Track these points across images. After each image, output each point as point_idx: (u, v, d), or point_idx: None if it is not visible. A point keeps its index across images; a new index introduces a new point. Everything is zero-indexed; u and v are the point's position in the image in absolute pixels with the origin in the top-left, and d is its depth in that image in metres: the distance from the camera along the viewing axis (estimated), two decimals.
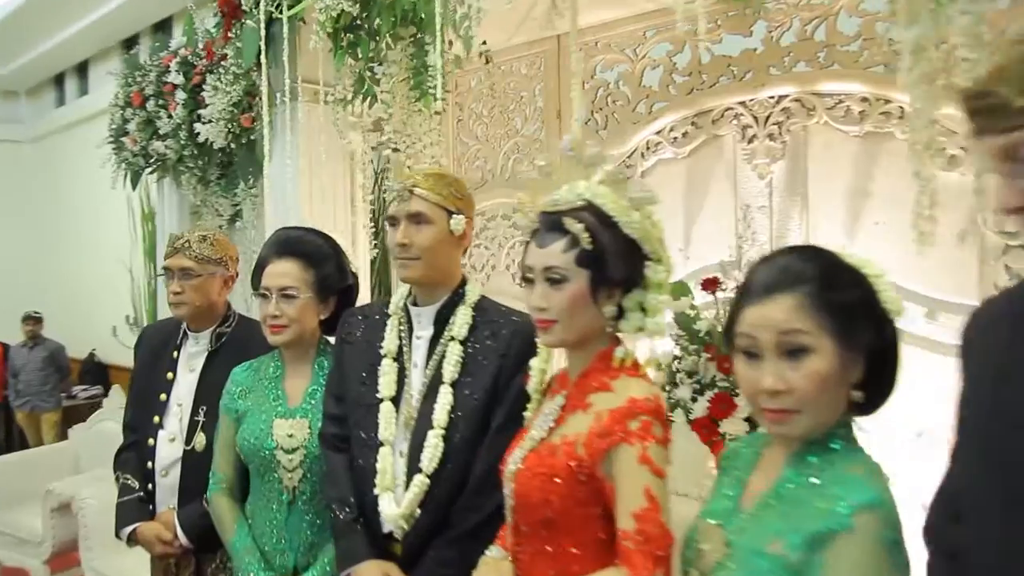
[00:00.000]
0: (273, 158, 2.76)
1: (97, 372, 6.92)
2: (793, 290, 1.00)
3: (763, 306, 1.01)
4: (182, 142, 3.42)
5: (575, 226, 1.25)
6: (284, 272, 1.74)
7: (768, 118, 2.60)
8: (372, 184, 2.94)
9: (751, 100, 2.64)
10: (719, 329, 2.31)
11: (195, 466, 1.90)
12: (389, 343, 1.60)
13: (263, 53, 2.51)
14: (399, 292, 1.67)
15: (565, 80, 3.10)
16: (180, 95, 3.41)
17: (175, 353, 2.01)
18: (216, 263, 1.97)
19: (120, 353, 6.12)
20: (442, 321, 1.59)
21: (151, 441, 1.95)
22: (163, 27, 6.13)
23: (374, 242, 2.75)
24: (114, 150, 3.92)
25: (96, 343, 6.77)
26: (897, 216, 2.37)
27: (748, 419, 2.19)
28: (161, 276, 2.02)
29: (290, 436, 1.71)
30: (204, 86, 3.25)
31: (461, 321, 1.57)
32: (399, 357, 1.59)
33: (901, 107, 2.32)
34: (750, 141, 2.64)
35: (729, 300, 1.12)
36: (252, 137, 3.01)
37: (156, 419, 1.96)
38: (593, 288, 1.25)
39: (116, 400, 3.69)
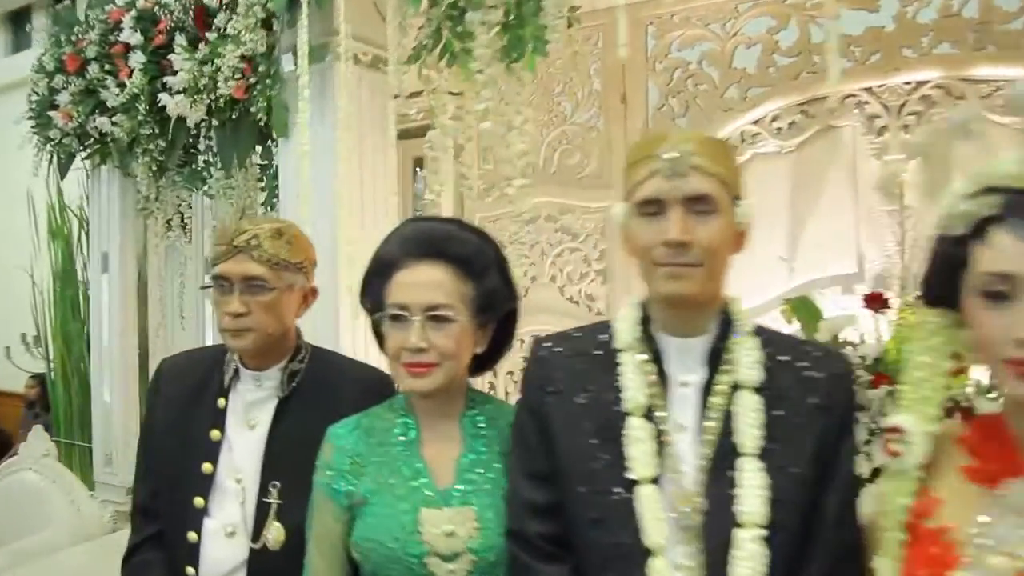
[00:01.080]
0: (294, 135, 2.12)
1: None
2: None
3: None
4: (140, 117, 2.68)
5: None
6: (434, 282, 1.16)
7: (903, 107, 2.23)
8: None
9: (880, 86, 2.26)
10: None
11: (269, 574, 1.27)
12: (634, 393, 1.05)
13: None
14: (626, 315, 1.13)
15: (632, 58, 2.63)
16: (137, 58, 2.68)
17: (221, 401, 1.36)
18: (296, 270, 1.34)
19: (9, 378, 5.11)
20: (714, 359, 1.06)
21: (191, 536, 1.29)
22: None
23: None
24: (35, 128, 3.09)
25: None
26: None
27: None
28: (207, 288, 1.36)
29: (449, 535, 1.12)
30: (175, 46, 2.54)
31: (748, 358, 1.04)
32: (650, 415, 1.05)
33: None
34: (879, 134, 2.26)
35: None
36: (252, 108, 2.33)
37: (199, 501, 1.30)
38: None
39: (38, 446, 2.86)
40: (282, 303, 1.32)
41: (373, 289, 1.23)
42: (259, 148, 2.79)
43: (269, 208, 2.76)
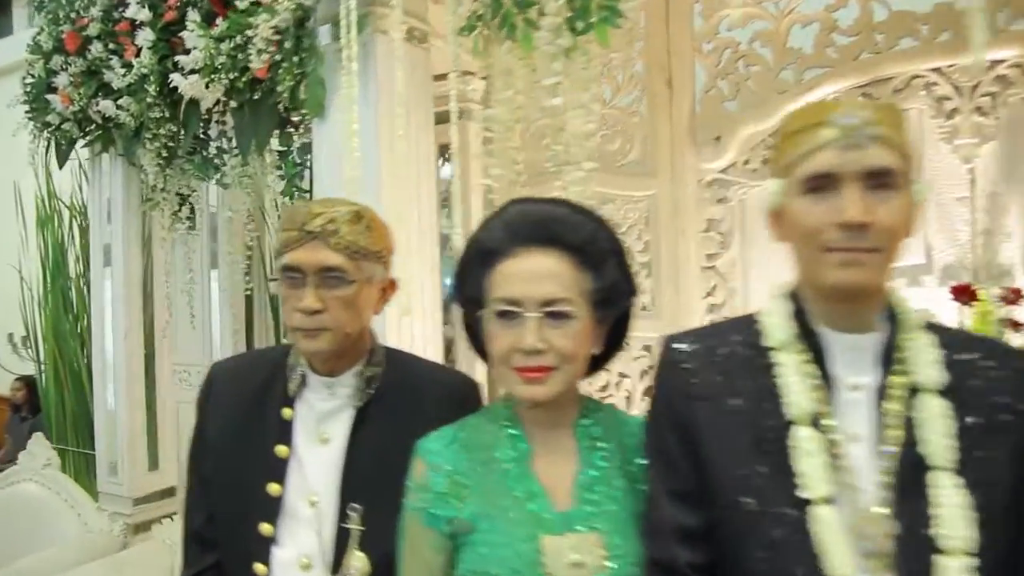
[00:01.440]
0: (331, 115, 1.94)
1: None
2: None
3: None
4: (149, 100, 2.49)
5: None
6: (550, 273, 1.01)
7: (975, 88, 2.10)
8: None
9: (950, 66, 2.13)
10: None
11: None
12: (799, 398, 0.91)
13: None
14: (776, 308, 0.98)
15: (677, 39, 2.49)
16: (145, 36, 2.48)
17: (286, 412, 1.19)
18: (376, 259, 1.17)
19: None
20: (886, 359, 0.92)
21: (259, 568, 1.12)
22: None
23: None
24: (29, 113, 2.87)
25: None
26: None
27: None
28: (273, 281, 1.18)
29: (576, 566, 0.97)
30: (187, 23, 2.36)
31: (927, 357, 0.90)
32: (816, 423, 0.90)
33: None
34: (949, 117, 2.14)
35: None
36: (278, 87, 2.14)
37: (266, 528, 1.13)
38: None
39: (39, 455, 2.66)
40: (361, 298, 1.15)
41: (470, 281, 1.07)
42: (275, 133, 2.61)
43: (290, 198, 2.58)
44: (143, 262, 2.92)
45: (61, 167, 2.88)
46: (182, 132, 2.53)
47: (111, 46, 2.61)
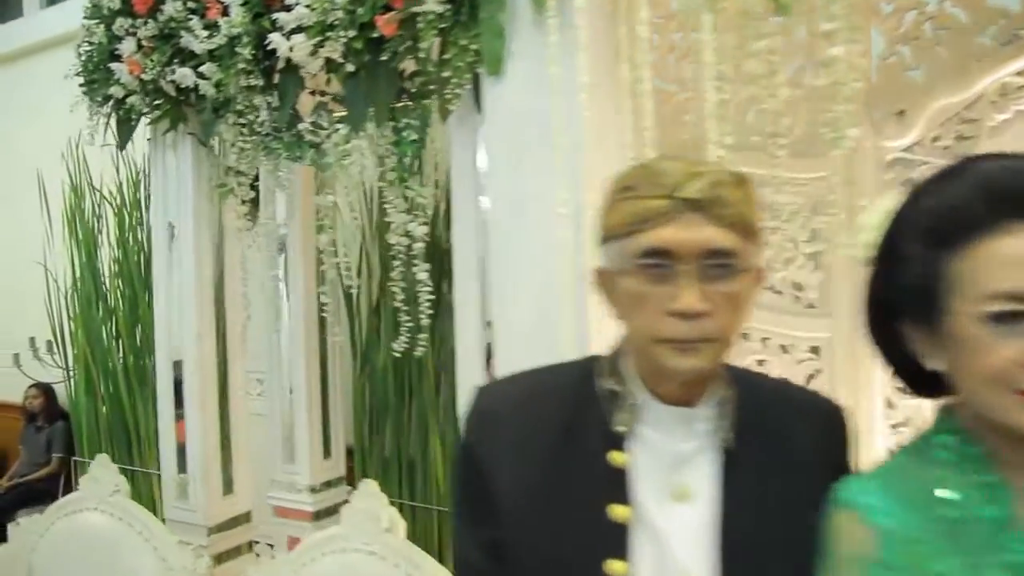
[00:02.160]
0: (513, 75, 1.61)
1: None
2: None
3: None
4: (241, 66, 2.13)
5: None
6: None
7: None
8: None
9: None
10: None
11: None
12: None
13: None
14: None
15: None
16: None
17: (616, 457, 0.86)
18: (758, 239, 0.85)
19: (12, 387, 4.42)
20: None
21: None
22: None
23: None
24: (85, 87, 2.49)
25: None
26: None
27: None
28: (623, 271, 0.83)
29: None
30: None
31: None
32: None
33: None
34: None
35: None
36: (411, 45, 1.81)
37: None
38: None
39: (106, 480, 2.29)
40: (744, 294, 0.83)
41: (911, 265, 0.77)
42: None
43: (400, 181, 2.24)
44: (213, 256, 2.57)
45: (123, 148, 2.51)
46: (282, 103, 2.18)
47: (190, 4, 2.25)
